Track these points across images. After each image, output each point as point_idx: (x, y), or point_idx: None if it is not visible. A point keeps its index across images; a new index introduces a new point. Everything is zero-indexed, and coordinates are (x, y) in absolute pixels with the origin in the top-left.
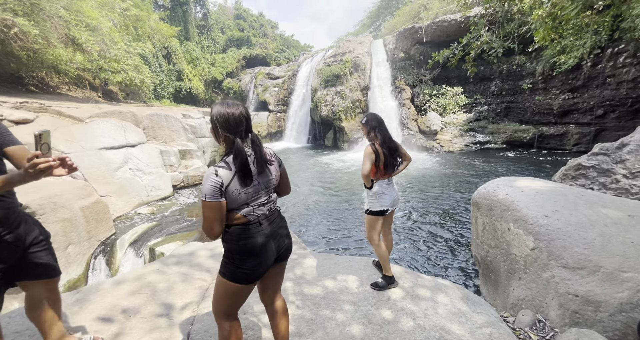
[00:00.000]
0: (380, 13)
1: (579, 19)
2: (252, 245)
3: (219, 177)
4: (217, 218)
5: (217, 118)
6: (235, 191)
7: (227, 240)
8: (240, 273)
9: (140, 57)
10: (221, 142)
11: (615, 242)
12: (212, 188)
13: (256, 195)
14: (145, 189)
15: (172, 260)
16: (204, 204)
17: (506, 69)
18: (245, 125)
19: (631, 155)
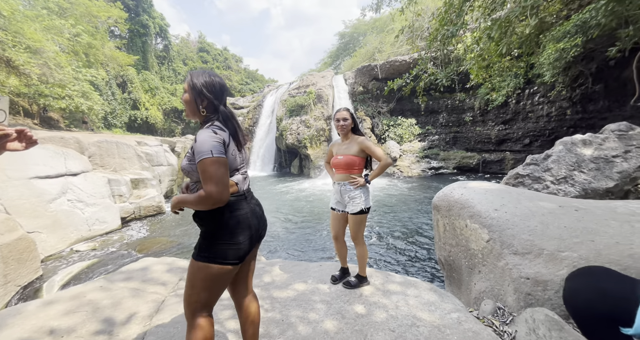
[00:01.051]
0: (340, 53)
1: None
2: (245, 215)
3: (219, 135)
4: (228, 176)
5: (203, 83)
6: (234, 151)
7: (214, 213)
8: (232, 250)
9: (90, 84)
10: (201, 111)
11: (552, 228)
12: (218, 143)
13: (242, 165)
14: (87, 222)
15: (121, 276)
16: (212, 161)
17: (450, 103)
18: (227, 95)
19: (555, 164)
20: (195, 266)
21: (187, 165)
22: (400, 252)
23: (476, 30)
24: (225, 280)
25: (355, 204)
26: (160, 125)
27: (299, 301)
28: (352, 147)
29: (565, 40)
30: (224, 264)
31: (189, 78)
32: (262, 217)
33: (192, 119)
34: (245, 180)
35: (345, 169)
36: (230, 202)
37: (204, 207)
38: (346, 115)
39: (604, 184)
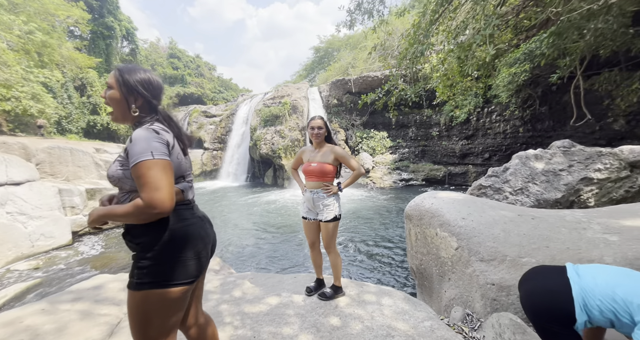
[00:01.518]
0: (315, 66)
1: (464, 82)
2: (193, 227)
3: (162, 135)
4: (172, 182)
5: (139, 80)
6: (179, 155)
7: (155, 227)
8: (184, 267)
9: (43, 86)
10: (133, 111)
11: (513, 235)
12: (160, 144)
13: (188, 171)
14: (29, 237)
15: (68, 297)
16: (153, 164)
17: (419, 118)
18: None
19: (512, 177)
20: (138, 298)
21: (119, 171)
22: (375, 262)
23: (441, 51)
24: (181, 305)
25: (329, 211)
26: (124, 131)
27: (271, 316)
28: (327, 156)
29: (516, 65)
30: (175, 285)
31: (117, 73)
32: (211, 231)
33: (120, 122)
34: (191, 189)
35: (319, 176)
36: (176, 212)
37: (142, 220)
38: (321, 123)
39: (553, 195)
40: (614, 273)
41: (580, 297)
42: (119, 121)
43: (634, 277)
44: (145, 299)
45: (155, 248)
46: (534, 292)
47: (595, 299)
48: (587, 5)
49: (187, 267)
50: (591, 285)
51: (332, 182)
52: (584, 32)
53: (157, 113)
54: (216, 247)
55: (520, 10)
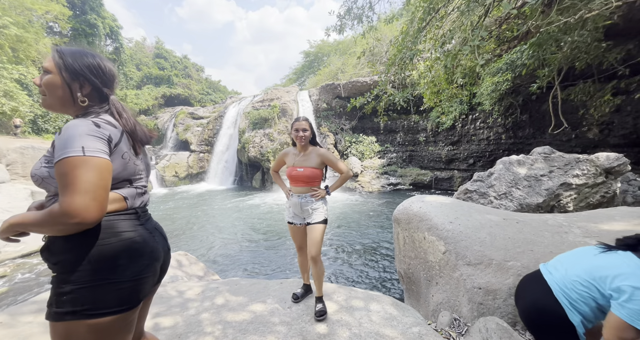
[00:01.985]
0: (305, 71)
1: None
2: (136, 240)
3: (102, 129)
4: (106, 187)
5: (86, 64)
6: (126, 155)
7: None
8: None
9: (17, 83)
10: (80, 100)
11: (499, 239)
12: (97, 139)
13: (140, 175)
14: None
15: (31, 308)
16: (81, 161)
17: (407, 124)
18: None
19: (497, 181)
20: (59, 331)
21: (43, 169)
22: (363, 266)
23: (428, 59)
24: (119, 334)
25: (318, 213)
26: None
27: (255, 324)
28: (313, 159)
29: (498, 75)
30: (106, 314)
31: (57, 55)
32: (164, 246)
33: (57, 111)
34: (141, 196)
35: (306, 182)
36: (110, 223)
37: (58, 231)
38: (306, 125)
39: (535, 199)
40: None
41: (562, 297)
42: (55, 110)
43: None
44: (68, 332)
45: (80, 268)
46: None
47: (572, 291)
48: (565, 18)
49: (122, 292)
50: (563, 275)
51: (319, 186)
52: (562, 45)
53: (108, 103)
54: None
55: (502, 22)
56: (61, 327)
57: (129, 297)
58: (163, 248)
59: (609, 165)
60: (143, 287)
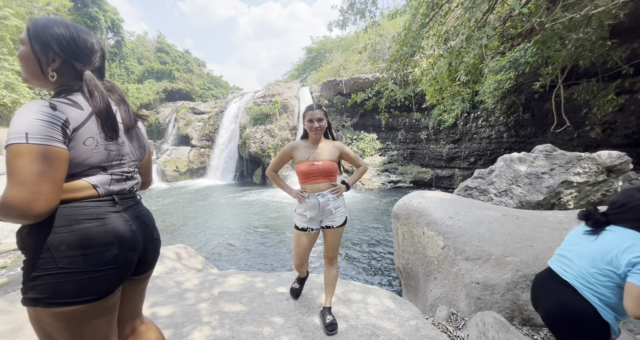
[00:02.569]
0: (307, 67)
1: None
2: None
3: (58, 111)
4: (54, 178)
5: (54, 34)
6: (89, 141)
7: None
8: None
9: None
10: (49, 75)
11: (498, 234)
12: (46, 124)
13: (119, 160)
14: None
15: None
16: (24, 151)
17: (408, 122)
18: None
19: (497, 179)
20: (31, 315)
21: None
22: (361, 261)
23: (431, 56)
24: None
25: (341, 213)
26: None
27: (253, 315)
28: (332, 152)
29: (501, 73)
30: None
31: (29, 25)
32: (144, 234)
33: (36, 85)
34: (119, 182)
35: (326, 176)
36: (75, 209)
37: (9, 221)
38: (321, 114)
39: (536, 197)
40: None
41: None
42: (32, 84)
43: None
44: (37, 318)
45: (42, 255)
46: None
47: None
48: (570, 15)
49: (82, 282)
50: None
51: (336, 181)
52: (566, 42)
53: (82, 80)
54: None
55: (506, 19)
56: (31, 312)
57: (92, 287)
58: (143, 237)
59: (610, 163)
60: (110, 278)
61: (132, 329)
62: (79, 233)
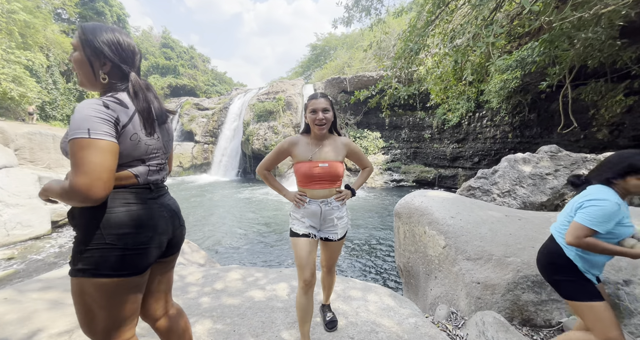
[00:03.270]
0: (311, 64)
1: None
2: (145, 212)
3: (110, 110)
4: (111, 167)
5: (105, 40)
6: (134, 136)
7: (96, 208)
8: (121, 257)
9: (25, 68)
10: (100, 77)
11: (500, 235)
12: (103, 121)
13: (155, 153)
14: (5, 226)
15: (36, 285)
16: (86, 144)
17: (412, 120)
18: (139, 62)
19: (500, 179)
20: (75, 285)
21: (65, 143)
22: (362, 259)
23: (436, 54)
24: (122, 297)
25: (343, 225)
26: None
27: (254, 309)
28: (339, 150)
29: (507, 72)
30: (109, 276)
31: (80, 32)
32: (174, 220)
33: (89, 89)
34: (155, 173)
35: (332, 181)
36: (120, 194)
37: (69, 203)
38: (326, 104)
39: (539, 198)
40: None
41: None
42: (87, 87)
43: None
44: (81, 288)
45: (91, 233)
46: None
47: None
48: (579, 14)
49: (124, 258)
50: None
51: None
52: (575, 42)
53: (128, 81)
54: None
55: (514, 17)
56: (75, 283)
57: (131, 263)
58: (172, 224)
59: None
60: (146, 257)
61: (165, 310)
62: (123, 215)
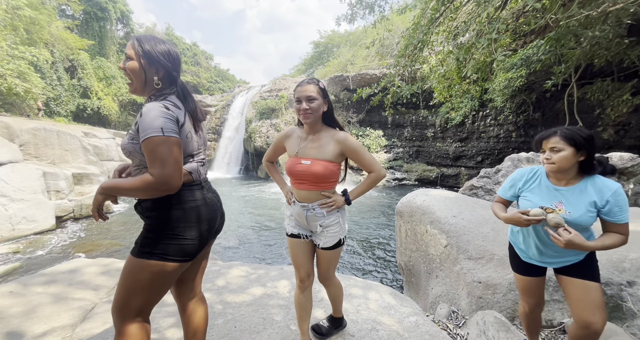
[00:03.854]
0: (314, 62)
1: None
2: (198, 208)
3: (172, 111)
4: (181, 160)
5: (160, 51)
6: (188, 134)
7: (163, 202)
8: (181, 246)
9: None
10: (155, 83)
11: (502, 234)
12: (170, 121)
13: (200, 149)
14: (10, 220)
15: (40, 279)
16: (162, 140)
17: (415, 119)
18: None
19: (503, 178)
20: (135, 264)
21: (129, 144)
22: (363, 258)
23: (440, 52)
24: (169, 280)
25: (331, 234)
26: (115, 117)
27: (255, 306)
28: (327, 147)
29: (512, 70)
30: (171, 260)
31: (136, 43)
32: (220, 211)
33: (139, 94)
34: (202, 168)
35: (315, 182)
36: (183, 192)
37: (150, 194)
38: (313, 91)
39: None
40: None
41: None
42: (138, 93)
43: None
44: (137, 267)
45: (161, 224)
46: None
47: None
48: (586, 11)
49: (182, 247)
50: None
51: (334, 190)
52: (581, 40)
53: (177, 86)
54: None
55: (520, 15)
56: (137, 263)
57: (190, 251)
58: (221, 213)
59: (622, 165)
60: (199, 246)
61: (194, 293)
62: (185, 211)
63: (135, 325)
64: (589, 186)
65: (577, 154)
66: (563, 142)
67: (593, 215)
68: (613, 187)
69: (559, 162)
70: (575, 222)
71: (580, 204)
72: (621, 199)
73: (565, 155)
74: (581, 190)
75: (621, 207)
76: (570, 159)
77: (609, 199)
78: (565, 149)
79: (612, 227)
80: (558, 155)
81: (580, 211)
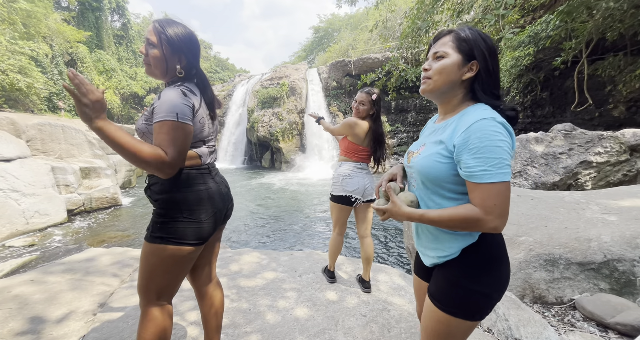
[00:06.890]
0: (314, 47)
1: None
2: (207, 191)
3: (189, 98)
4: (188, 146)
5: (182, 38)
6: (202, 120)
7: (172, 186)
8: (192, 229)
9: (30, 59)
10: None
11: (512, 214)
12: (186, 107)
13: (211, 136)
14: (24, 214)
15: (59, 268)
16: (176, 126)
17: (419, 103)
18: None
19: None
20: (149, 249)
21: (143, 125)
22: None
23: None
24: (185, 264)
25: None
26: (117, 111)
27: (267, 290)
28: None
29: (519, 49)
30: (183, 244)
31: (159, 28)
32: (228, 195)
33: (157, 78)
34: (211, 154)
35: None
36: (192, 175)
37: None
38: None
39: (552, 178)
40: None
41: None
42: (157, 77)
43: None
44: (150, 252)
45: (170, 208)
46: None
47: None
48: None
49: (192, 230)
50: None
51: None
52: (594, 12)
53: (197, 75)
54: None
55: None
56: (150, 247)
57: (201, 234)
58: (229, 198)
59: (635, 142)
60: (210, 229)
61: (209, 278)
62: (195, 193)
63: (156, 307)
64: (457, 119)
65: (465, 66)
66: (451, 44)
67: (441, 161)
68: (473, 118)
69: (435, 74)
70: (414, 171)
71: (431, 144)
72: (478, 137)
73: (446, 64)
74: (447, 125)
75: (475, 151)
76: (452, 71)
77: (462, 136)
78: (449, 55)
79: (469, 190)
80: (438, 63)
81: (422, 154)
